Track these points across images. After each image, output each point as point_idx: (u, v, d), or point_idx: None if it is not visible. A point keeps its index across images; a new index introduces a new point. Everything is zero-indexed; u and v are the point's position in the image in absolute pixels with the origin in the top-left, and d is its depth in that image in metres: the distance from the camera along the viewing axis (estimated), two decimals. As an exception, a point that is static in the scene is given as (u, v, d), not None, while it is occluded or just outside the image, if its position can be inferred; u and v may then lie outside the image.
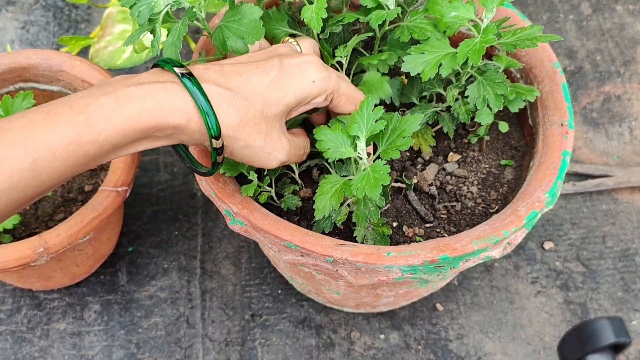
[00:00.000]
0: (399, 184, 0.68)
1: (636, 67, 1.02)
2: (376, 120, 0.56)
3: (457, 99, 0.66)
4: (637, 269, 0.86)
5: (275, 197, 0.66)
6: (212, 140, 0.51)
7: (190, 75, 0.50)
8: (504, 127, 0.70)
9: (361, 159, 0.57)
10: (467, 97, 0.64)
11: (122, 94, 0.48)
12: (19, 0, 1.10)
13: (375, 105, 0.57)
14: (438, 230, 0.66)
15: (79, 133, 0.46)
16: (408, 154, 0.71)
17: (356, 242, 0.62)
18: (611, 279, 0.85)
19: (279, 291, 0.85)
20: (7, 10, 1.09)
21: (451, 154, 0.70)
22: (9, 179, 0.44)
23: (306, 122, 0.67)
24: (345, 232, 0.65)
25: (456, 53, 0.60)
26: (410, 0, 0.65)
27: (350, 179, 0.57)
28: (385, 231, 0.62)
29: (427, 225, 0.66)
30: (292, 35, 0.64)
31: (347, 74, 0.66)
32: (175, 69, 0.50)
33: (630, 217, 0.90)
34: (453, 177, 0.69)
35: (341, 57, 0.63)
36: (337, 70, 0.63)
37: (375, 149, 0.60)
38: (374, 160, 0.56)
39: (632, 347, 0.82)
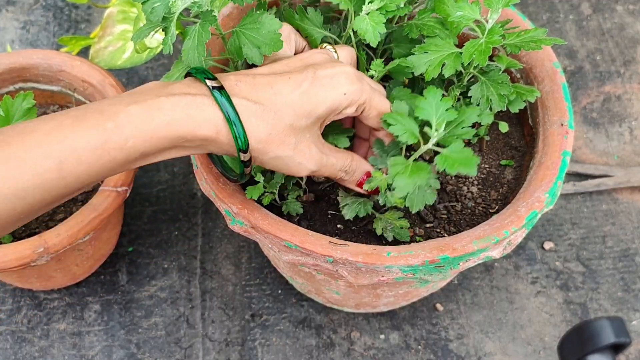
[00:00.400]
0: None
1: (636, 67, 1.02)
2: (446, 110, 0.57)
3: (458, 99, 0.66)
4: (637, 269, 0.86)
5: (277, 198, 0.66)
6: (240, 153, 0.52)
7: (221, 89, 0.51)
8: (504, 127, 0.70)
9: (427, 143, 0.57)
10: (469, 97, 0.64)
11: (153, 104, 0.48)
12: (19, 0, 1.10)
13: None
14: (438, 230, 0.66)
15: (106, 139, 0.47)
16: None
17: (377, 235, 0.62)
18: (611, 279, 0.85)
19: (279, 291, 0.85)
20: (7, 10, 1.09)
21: (451, 154, 0.70)
22: (34, 179, 0.45)
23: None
24: (357, 224, 0.65)
25: (460, 53, 0.60)
26: None
27: (422, 159, 0.57)
28: (403, 224, 0.62)
29: (427, 225, 0.66)
30: (327, 41, 0.63)
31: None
32: (207, 81, 0.51)
33: (630, 217, 0.90)
34: (453, 177, 0.69)
35: (375, 71, 0.62)
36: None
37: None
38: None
39: (632, 347, 0.82)
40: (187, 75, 0.54)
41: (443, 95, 0.58)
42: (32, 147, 0.45)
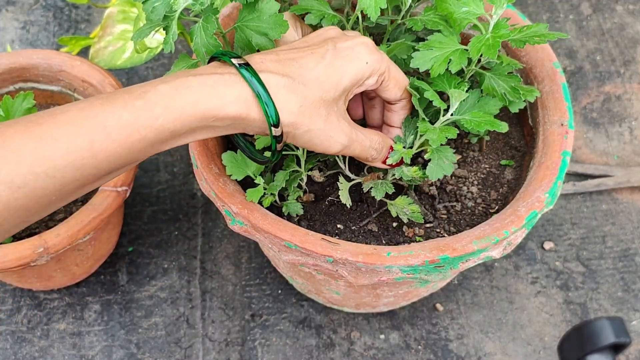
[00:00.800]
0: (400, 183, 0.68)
1: (636, 67, 1.02)
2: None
3: None
4: (637, 269, 0.86)
5: (277, 198, 0.66)
6: (272, 128, 0.51)
7: (247, 66, 0.51)
8: (504, 127, 0.70)
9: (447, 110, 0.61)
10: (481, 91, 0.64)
11: (181, 83, 0.49)
12: (19, 0, 1.10)
13: None
14: (438, 230, 0.66)
15: (136, 117, 0.47)
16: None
17: (377, 235, 0.63)
18: (611, 279, 0.85)
19: (279, 291, 0.85)
20: (7, 10, 1.09)
21: (451, 154, 0.70)
22: (67, 156, 0.45)
23: None
24: (357, 224, 0.65)
25: (465, 50, 0.60)
26: None
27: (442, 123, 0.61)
28: (414, 209, 0.63)
29: (427, 225, 0.66)
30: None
31: None
32: (233, 60, 0.51)
33: (630, 217, 0.90)
34: (453, 177, 0.69)
35: None
36: None
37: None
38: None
39: (632, 347, 0.82)
40: (211, 60, 0.54)
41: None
42: (63, 125, 0.45)
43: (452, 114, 0.61)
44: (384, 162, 0.61)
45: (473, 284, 0.85)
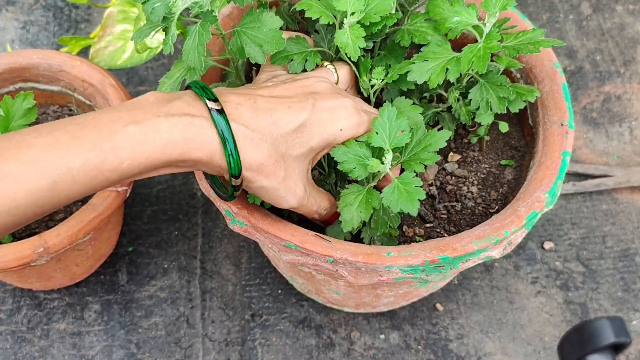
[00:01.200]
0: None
1: (636, 67, 1.02)
2: (401, 131, 0.56)
3: (457, 100, 0.66)
4: (637, 269, 0.86)
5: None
6: (232, 178, 0.52)
7: (221, 112, 0.50)
8: (504, 127, 0.70)
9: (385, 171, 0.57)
10: (469, 100, 0.64)
11: (151, 126, 0.48)
12: (19, 0, 1.10)
13: None
14: (438, 230, 0.66)
15: (103, 160, 0.46)
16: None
17: (362, 243, 0.62)
18: (611, 279, 0.85)
19: (279, 291, 0.85)
20: (7, 10, 1.09)
21: (451, 154, 0.70)
22: (27, 197, 0.45)
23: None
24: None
25: (460, 57, 0.60)
26: (412, 0, 0.65)
27: (375, 188, 0.57)
28: (392, 233, 0.62)
29: (427, 225, 0.66)
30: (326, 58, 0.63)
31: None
32: (208, 102, 0.51)
33: (630, 217, 0.90)
34: (453, 177, 0.69)
35: (377, 80, 0.62)
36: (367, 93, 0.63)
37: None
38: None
39: (632, 347, 0.82)
40: (188, 87, 0.54)
41: (415, 103, 0.57)
42: (27, 164, 0.45)
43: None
44: (325, 223, 0.63)
45: (473, 284, 0.85)
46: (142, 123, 0.48)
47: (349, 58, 0.60)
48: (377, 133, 0.56)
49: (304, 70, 0.61)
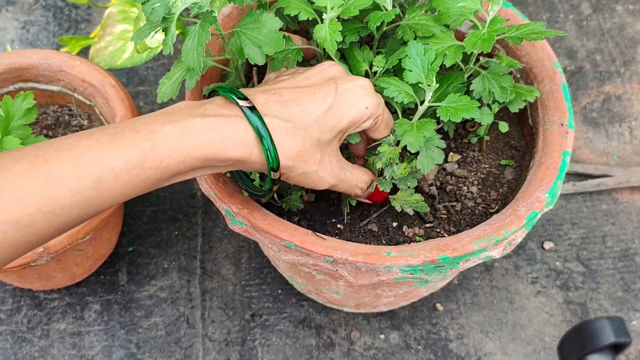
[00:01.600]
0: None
1: (636, 67, 1.02)
2: (431, 63, 0.58)
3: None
4: (637, 269, 0.86)
5: (276, 197, 0.66)
6: (271, 172, 0.53)
7: (253, 109, 0.51)
8: (504, 127, 0.70)
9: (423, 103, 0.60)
10: (471, 91, 0.64)
11: (188, 124, 0.49)
12: (19, 0, 1.10)
13: None
14: (438, 230, 0.66)
15: (144, 158, 0.47)
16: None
17: (377, 235, 0.63)
18: (611, 279, 0.85)
19: (279, 291, 0.85)
20: (7, 10, 1.09)
21: (451, 154, 0.70)
22: (72, 196, 0.45)
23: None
24: (357, 224, 0.66)
25: (461, 45, 0.60)
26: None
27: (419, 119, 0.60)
28: (417, 198, 0.63)
29: (427, 225, 0.66)
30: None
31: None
32: (240, 101, 0.52)
33: (630, 217, 0.90)
34: (453, 177, 0.69)
35: (379, 67, 0.62)
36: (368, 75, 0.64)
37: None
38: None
39: (632, 347, 0.82)
40: (212, 93, 0.55)
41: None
42: (71, 164, 0.45)
43: (428, 105, 0.60)
44: (369, 198, 0.64)
45: (473, 284, 0.85)
46: (179, 123, 0.49)
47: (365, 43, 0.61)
48: (410, 71, 0.58)
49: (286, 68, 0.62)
